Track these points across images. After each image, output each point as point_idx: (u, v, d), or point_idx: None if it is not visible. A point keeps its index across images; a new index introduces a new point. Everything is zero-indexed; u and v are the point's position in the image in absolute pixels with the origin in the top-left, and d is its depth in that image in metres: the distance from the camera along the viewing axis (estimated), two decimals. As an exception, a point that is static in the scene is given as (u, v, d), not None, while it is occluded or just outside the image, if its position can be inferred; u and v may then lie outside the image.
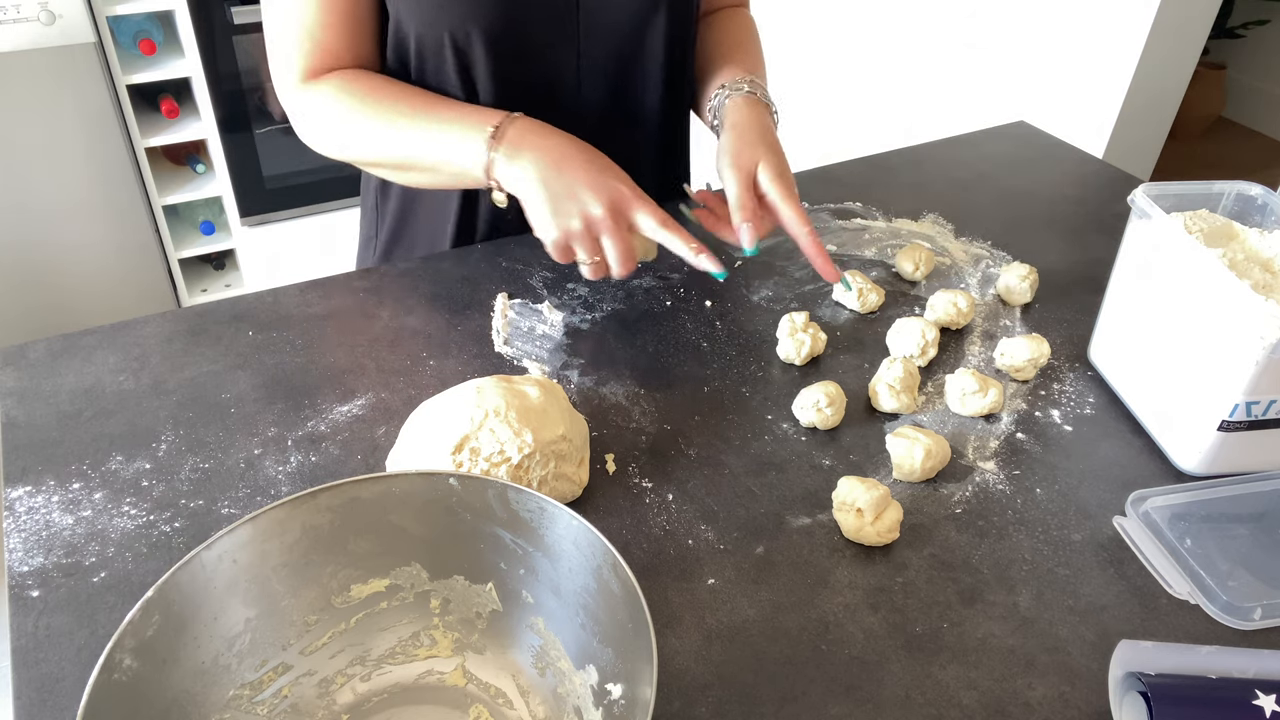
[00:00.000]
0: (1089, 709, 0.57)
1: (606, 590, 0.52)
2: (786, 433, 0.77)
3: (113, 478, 0.70)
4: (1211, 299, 0.68)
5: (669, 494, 0.71)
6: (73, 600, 0.61)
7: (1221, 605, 0.63)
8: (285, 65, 0.85)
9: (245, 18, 1.95)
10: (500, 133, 0.79)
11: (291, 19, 0.83)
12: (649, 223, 0.77)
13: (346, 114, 0.84)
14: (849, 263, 0.98)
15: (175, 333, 0.85)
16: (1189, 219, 0.76)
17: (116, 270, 2.14)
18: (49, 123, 1.92)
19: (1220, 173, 3.05)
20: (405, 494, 0.56)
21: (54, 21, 1.82)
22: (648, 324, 0.88)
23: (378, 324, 0.87)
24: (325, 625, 0.57)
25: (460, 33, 0.85)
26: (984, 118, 1.34)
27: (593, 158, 0.79)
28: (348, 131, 0.85)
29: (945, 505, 0.71)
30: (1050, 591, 0.65)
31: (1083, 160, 1.19)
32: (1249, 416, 0.69)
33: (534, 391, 0.69)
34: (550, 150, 0.78)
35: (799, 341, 0.83)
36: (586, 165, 0.77)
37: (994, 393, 0.78)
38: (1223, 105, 3.44)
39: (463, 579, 0.58)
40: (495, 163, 0.79)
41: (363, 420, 0.76)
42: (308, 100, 0.85)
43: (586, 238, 0.77)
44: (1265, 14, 3.29)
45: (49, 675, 0.57)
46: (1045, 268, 0.95)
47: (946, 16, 2.29)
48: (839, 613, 0.63)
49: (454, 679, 0.58)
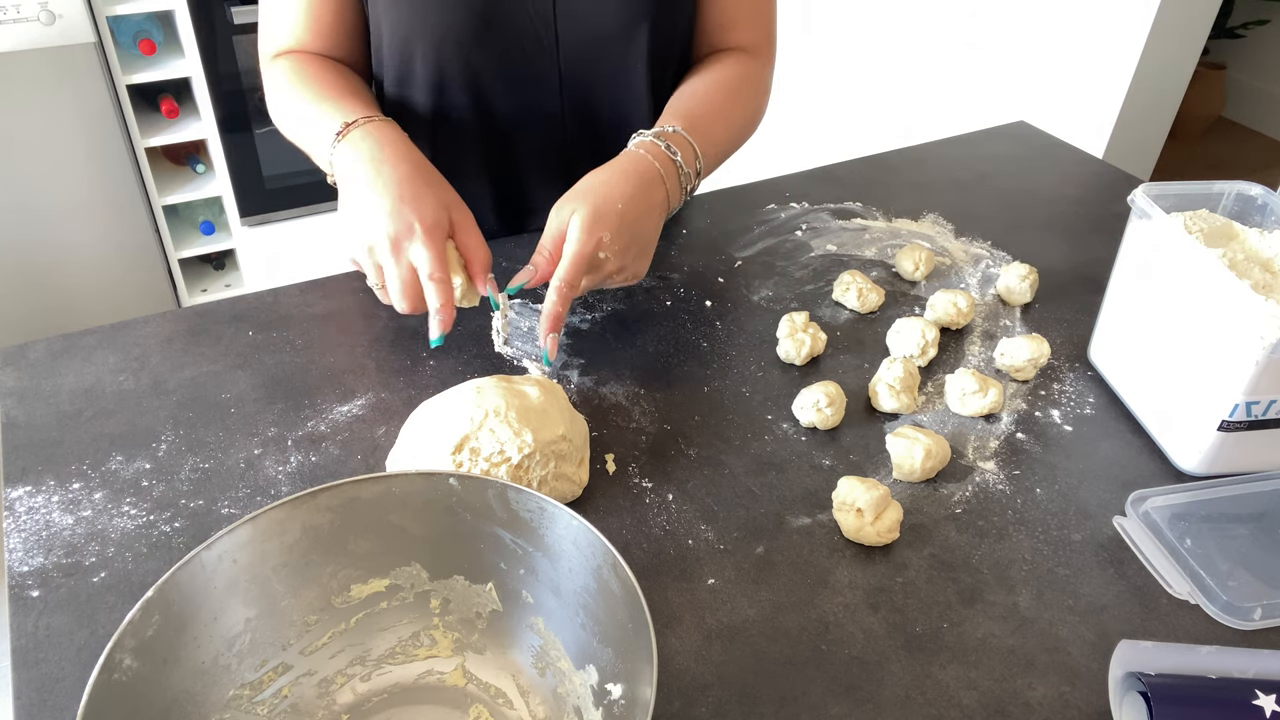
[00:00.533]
0: (1089, 709, 0.57)
1: (606, 590, 0.52)
2: (786, 433, 0.77)
3: (113, 478, 0.70)
4: (1211, 299, 0.68)
5: (669, 494, 0.71)
6: (73, 600, 0.61)
7: (1221, 605, 0.63)
8: (263, 41, 0.89)
9: (245, 18, 1.95)
10: (344, 134, 0.77)
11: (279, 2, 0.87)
12: (421, 266, 0.72)
13: (281, 91, 0.86)
14: (849, 262, 0.98)
15: (175, 333, 0.85)
16: (1189, 219, 0.76)
17: (116, 270, 2.14)
18: (49, 123, 1.92)
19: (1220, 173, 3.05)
20: (405, 494, 0.56)
21: (54, 21, 1.82)
22: (648, 324, 0.88)
23: (378, 324, 0.87)
24: (325, 625, 0.57)
25: (436, 44, 0.86)
26: (984, 118, 1.34)
27: (412, 179, 0.74)
28: (277, 108, 0.88)
29: (945, 505, 0.71)
30: (1050, 591, 0.65)
31: (1083, 160, 1.19)
32: (1249, 416, 0.69)
33: (534, 391, 0.69)
34: (370, 163, 0.74)
35: (799, 341, 0.83)
36: (395, 186, 0.73)
37: (994, 393, 0.78)
38: (1223, 105, 3.44)
39: (463, 579, 0.58)
40: (334, 163, 0.78)
41: (363, 420, 0.76)
42: (267, 75, 0.89)
43: (368, 261, 0.74)
44: (1265, 14, 3.29)
45: (49, 675, 0.57)
46: (1045, 268, 0.95)
47: (946, 16, 2.29)
48: (839, 613, 0.63)
49: (454, 679, 0.58)
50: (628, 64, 0.91)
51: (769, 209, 1.07)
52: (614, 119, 0.95)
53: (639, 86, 0.93)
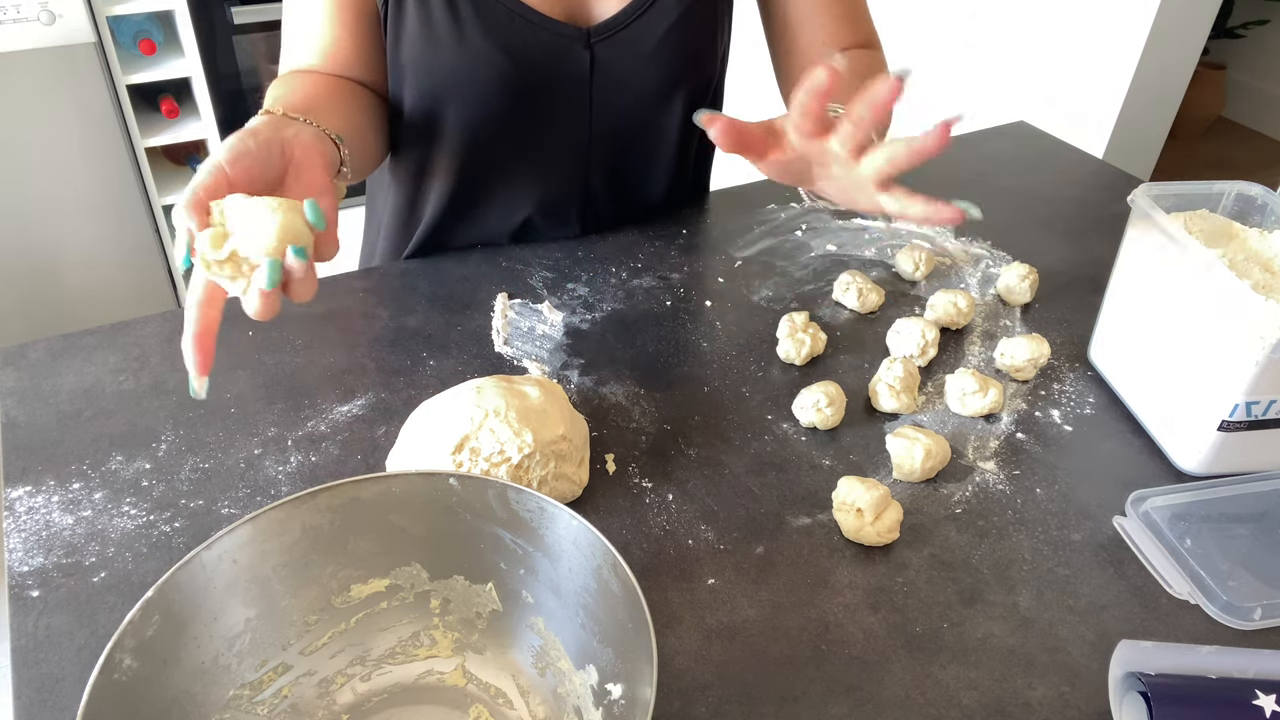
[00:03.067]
0: (1089, 709, 0.57)
1: (606, 590, 0.52)
2: (786, 433, 0.77)
3: (113, 478, 0.70)
4: (1211, 299, 0.68)
5: (669, 494, 0.71)
6: (73, 600, 0.61)
7: (1221, 605, 0.63)
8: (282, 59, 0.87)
9: (245, 18, 1.95)
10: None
11: (298, 18, 0.85)
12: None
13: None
14: (849, 262, 0.98)
15: (175, 333, 0.85)
16: (1189, 219, 0.76)
17: (116, 270, 2.14)
18: (49, 123, 1.92)
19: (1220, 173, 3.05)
20: (405, 494, 0.56)
21: (54, 21, 1.82)
22: (648, 324, 0.88)
23: (378, 324, 0.87)
24: (325, 625, 0.57)
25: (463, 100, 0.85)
26: (984, 118, 1.34)
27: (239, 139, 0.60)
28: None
29: (945, 505, 0.71)
30: (1050, 591, 0.65)
31: (1083, 160, 1.19)
32: (1249, 416, 0.69)
33: (534, 391, 0.69)
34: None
35: (799, 341, 0.83)
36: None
37: (994, 393, 0.78)
38: (1223, 105, 3.44)
39: (463, 579, 0.58)
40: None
41: (363, 420, 0.76)
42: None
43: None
44: (1265, 14, 3.29)
45: (49, 675, 0.57)
46: (1045, 268, 0.95)
47: (946, 16, 2.29)
48: (839, 613, 0.63)
49: (454, 679, 0.58)
50: (660, 124, 0.93)
51: (769, 209, 1.07)
52: (639, 173, 0.97)
53: (668, 142, 0.95)
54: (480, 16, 0.82)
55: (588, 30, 0.85)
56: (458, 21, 0.81)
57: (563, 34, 0.84)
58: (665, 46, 0.86)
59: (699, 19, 0.88)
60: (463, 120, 0.87)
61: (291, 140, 0.62)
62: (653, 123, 0.93)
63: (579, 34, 0.84)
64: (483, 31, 0.82)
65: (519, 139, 0.90)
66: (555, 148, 0.92)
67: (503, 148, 0.90)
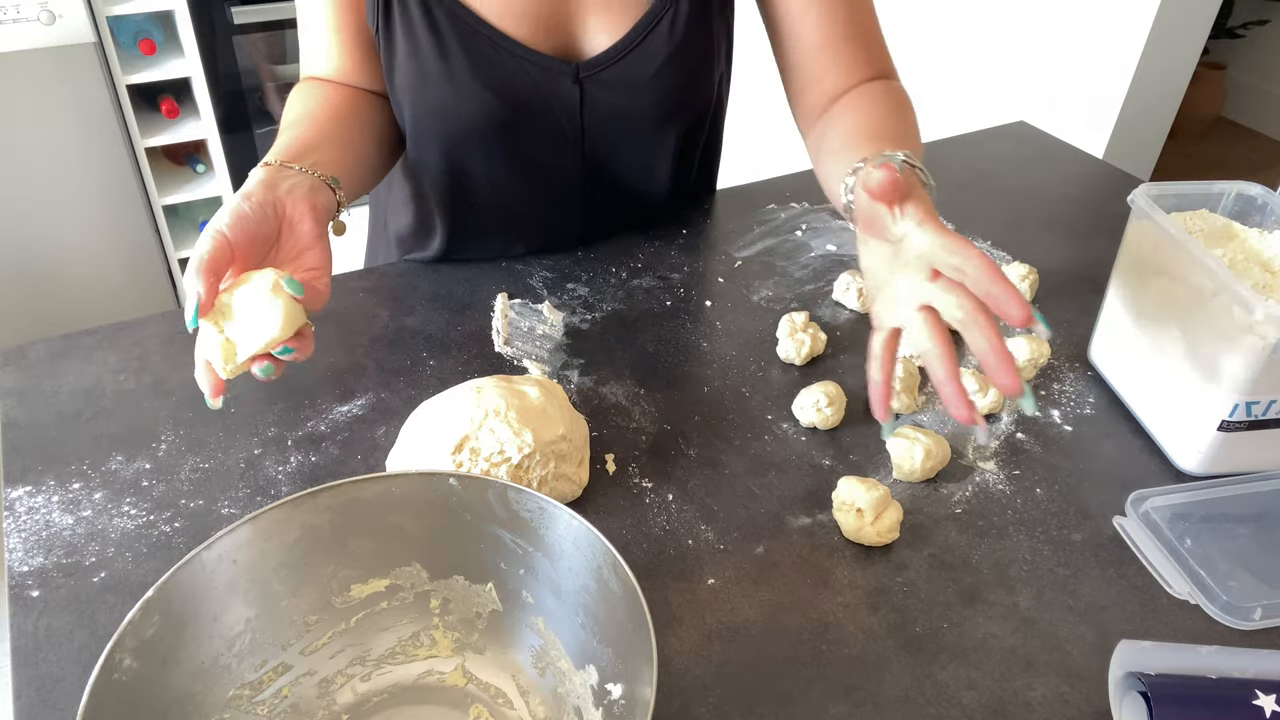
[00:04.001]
0: (1089, 709, 0.57)
1: (606, 590, 0.52)
2: (786, 433, 0.77)
3: (113, 478, 0.70)
4: (1212, 299, 0.68)
5: (669, 494, 0.71)
6: (73, 600, 0.61)
7: (1221, 605, 0.63)
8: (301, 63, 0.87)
9: (245, 18, 1.95)
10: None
11: (308, 30, 0.85)
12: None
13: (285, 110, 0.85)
14: (849, 262, 0.98)
15: (175, 333, 0.85)
16: (1189, 219, 0.76)
17: (116, 270, 2.14)
18: (49, 123, 1.92)
19: (1220, 173, 3.05)
20: (405, 494, 0.56)
21: (54, 21, 1.82)
22: (648, 324, 0.88)
23: (378, 324, 0.87)
24: (325, 625, 0.57)
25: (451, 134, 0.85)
26: (984, 118, 1.34)
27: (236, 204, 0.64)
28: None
29: (945, 505, 0.71)
30: (1050, 591, 0.65)
31: (1083, 160, 1.19)
32: (1249, 416, 0.69)
33: (534, 391, 0.69)
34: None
35: (799, 341, 0.83)
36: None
37: (994, 393, 0.77)
38: (1223, 105, 3.44)
39: (463, 579, 0.58)
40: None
41: (363, 420, 0.76)
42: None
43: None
44: (1265, 14, 3.29)
45: (49, 675, 0.57)
46: (1045, 268, 0.95)
47: (946, 16, 2.29)
48: (839, 613, 0.63)
49: (454, 679, 0.58)
50: (656, 151, 0.92)
51: (769, 209, 1.07)
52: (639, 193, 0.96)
53: (662, 173, 0.94)
54: (466, 50, 0.81)
55: (576, 65, 0.83)
56: (444, 55, 0.81)
57: (551, 68, 0.83)
58: (656, 82, 0.85)
59: (692, 54, 0.86)
60: (457, 147, 0.87)
61: (284, 198, 0.67)
62: (648, 150, 0.92)
63: (568, 69, 0.83)
64: (469, 65, 0.81)
65: (514, 165, 0.89)
66: (551, 177, 0.91)
67: (501, 173, 0.90)
